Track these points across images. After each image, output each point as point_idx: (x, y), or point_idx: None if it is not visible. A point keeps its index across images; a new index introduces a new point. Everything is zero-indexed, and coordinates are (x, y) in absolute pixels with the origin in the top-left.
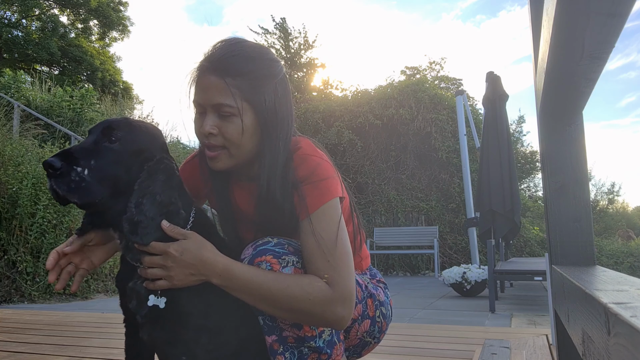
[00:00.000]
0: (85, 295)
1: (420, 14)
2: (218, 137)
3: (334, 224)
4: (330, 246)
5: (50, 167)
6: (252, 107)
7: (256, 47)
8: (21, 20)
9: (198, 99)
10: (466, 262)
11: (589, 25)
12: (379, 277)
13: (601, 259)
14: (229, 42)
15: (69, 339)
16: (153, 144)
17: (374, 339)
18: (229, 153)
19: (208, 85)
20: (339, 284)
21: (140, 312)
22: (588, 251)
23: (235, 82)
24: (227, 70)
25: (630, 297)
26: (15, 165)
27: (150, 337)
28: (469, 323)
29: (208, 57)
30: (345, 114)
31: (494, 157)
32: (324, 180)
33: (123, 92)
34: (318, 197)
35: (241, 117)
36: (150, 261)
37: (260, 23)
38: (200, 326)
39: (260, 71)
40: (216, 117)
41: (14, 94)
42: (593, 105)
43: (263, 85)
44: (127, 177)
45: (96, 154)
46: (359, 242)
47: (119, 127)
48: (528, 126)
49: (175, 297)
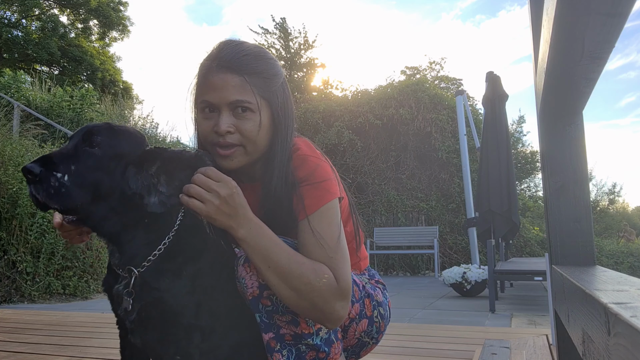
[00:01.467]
0: (85, 295)
1: (419, 13)
2: (235, 135)
3: (335, 224)
4: (331, 244)
5: (29, 172)
6: (268, 104)
7: (258, 47)
8: (21, 20)
9: (211, 99)
10: (466, 262)
11: (589, 25)
12: (377, 278)
13: (601, 259)
14: (233, 43)
15: (69, 339)
16: (135, 148)
17: (372, 340)
18: (245, 150)
19: (224, 84)
20: (341, 279)
21: (129, 317)
22: (588, 251)
23: (252, 80)
24: (242, 68)
25: (630, 297)
26: (15, 165)
27: (142, 340)
28: (469, 323)
29: (217, 59)
30: (345, 114)
31: (493, 157)
32: (324, 181)
33: (123, 92)
34: (318, 198)
35: (260, 113)
36: (196, 192)
37: (260, 23)
38: (191, 326)
39: (270, 70)
40: (231, 115)
41: (14, 94)
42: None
43: (274, 84)
44: (108, 182)
45: (76, 159)
46: (358, 243)
47: (100, 132)
48: (528, 126)
49: (164, 298)
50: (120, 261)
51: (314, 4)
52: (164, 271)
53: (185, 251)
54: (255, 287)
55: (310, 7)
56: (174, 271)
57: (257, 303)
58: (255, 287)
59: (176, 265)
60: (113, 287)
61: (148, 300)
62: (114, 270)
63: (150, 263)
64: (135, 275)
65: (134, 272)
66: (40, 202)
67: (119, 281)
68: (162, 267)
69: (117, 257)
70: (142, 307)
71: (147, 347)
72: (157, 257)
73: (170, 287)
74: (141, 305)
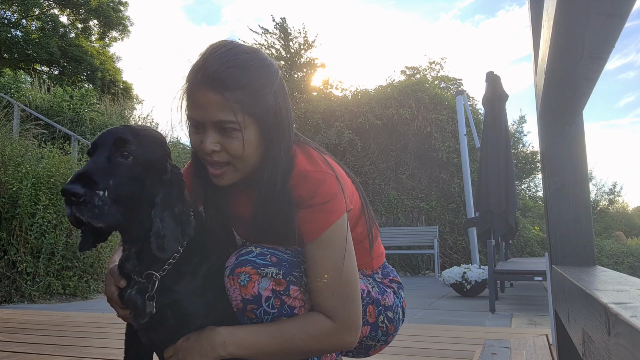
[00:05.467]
0: (85, 295)
1: (418, 13)
2: (222, 153)
3: (339, 249)
4: (334, 276)
5: (72, 195)
6: (255, 120)
7: (249, 51)
8: (21, 20)
9: (195, 116)
10: (466, 262)
11: (589, 25)
12: (392, 276)
13: (601, 259)
14: (220, 51)
15: (69, 339)
16: (162, 153)
17: (379, 342)
18: (234, 168)
19: (206, 102)
20: (343, 317)
21: (139, 321)
22: (588, 251)
23: (235, 96)
24: (225, 84)
25: (630, 297)
26: (15, 165)
27: (151, 339)
28: (469, 323)
29: (201, 70)
30: (345, 114)
31: (493, 157)
32: (327, 202)
33: (123, 92)
34: (320, 223)
35: (242, 133)
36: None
37: (259, 23)
38: (202, 326)
39: (259, 80)
40: (217, 133)
41: (14, 94)
42: (592, 105)
43: (263, 95)
44: (141, 192)
45: (112, 173)
46: (371, 241)
47: (129, 141)
48: (528, 126)
49: (178, 301)
50: (137, 267)
51: (314, 4)
52: (183, 273)
53: (199, 252)
54: (238, 301)
55: (310, 7)
56: (192, 272)
57: (242, 315)
58: (238, 301)
59: (193, 267)
60: (123, 293)
61: (163, 303)
62: (124, 275)
63: (171, 267)
64: (157, 279)
65: (155, 276)
66: (84, 222)
67: (131, 286)
68: (182, 269)
69: (133, 263)
70: (157, 310)
71: (155, 348)
72: (176, 259)
73: (186, 289)
74: (157, 308)
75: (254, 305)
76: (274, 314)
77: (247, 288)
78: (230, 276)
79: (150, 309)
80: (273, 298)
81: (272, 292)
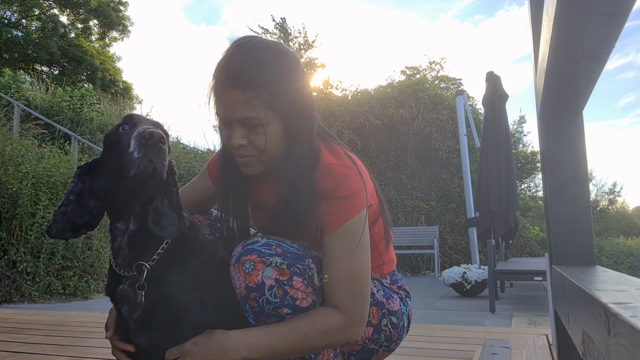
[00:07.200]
0: (85, 295)
1: (418, 13)
2: (248, 147)
3: (356, 243)
4: (349, 269)
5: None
6: (277, 114)
7: (269, 46)
8: (21, 20)
9: (222, 114)
10: (466, 262)
11: (589, 25)
12: (400, 284)
13: (601, 259)
14: (242, 49)
15: (69, 339)
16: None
17: (382, 347)
18: (259, 159)
19: (230, 100)
20: (352, 310)
21: (132, 317)
22: (588, 251)
23: (257, 94)
24: (247, 83)
25: (630, 297)
26: (15, 165)
27: (147, 339)
28: (469, 323)
29: (224, 70)
30: (346, 114)
31: (493, 157)
32: (349, 196)
33: (123, 92)
34: (343, 214)
35: (265, 128)
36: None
37: (259, 23)
38: (196, 322)
39: (280, 75)
40: (243, 128)
41: (14, 94)
42: (592, 105)
43: (284, 89)
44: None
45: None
46: (387, 242)
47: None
48: (529, 126)
49: (170, 294)
50: (127, 258)
51: (314, 4)
52: (171, 264)
53: (188, 245)
54: (242, 288)
55: (310, 7)
56: (180, 264)
57: (244, 303)
58: (242, 288)
59: (181, 259)
60: (116, 290)
61: (155, 296)
62: (115, 273)
63: (160, 257)
64: (147, 269)
65: (145, 267)
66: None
67: (123, 281)
68: (169, 260)
69: (124, 256)
70: (148, 305)
71: (152, 347)
72: (165, 250)
73: (176, 282)
74: (147, 303)
75: (256, 294)
76: (276, 304)
77: (251, 276)
78: (236, 264)
79: (140, 298)
80: (276, 287)
81: (276, 281)
